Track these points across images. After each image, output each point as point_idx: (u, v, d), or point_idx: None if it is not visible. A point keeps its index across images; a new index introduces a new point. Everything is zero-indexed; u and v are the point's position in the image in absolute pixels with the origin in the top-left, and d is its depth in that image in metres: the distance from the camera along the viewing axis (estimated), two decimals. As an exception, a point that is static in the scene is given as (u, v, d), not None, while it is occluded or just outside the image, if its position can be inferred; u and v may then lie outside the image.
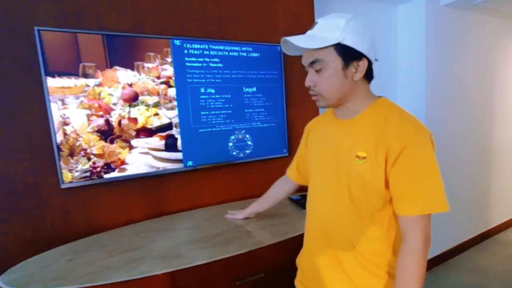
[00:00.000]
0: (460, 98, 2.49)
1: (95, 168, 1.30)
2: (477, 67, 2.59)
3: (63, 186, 1.25)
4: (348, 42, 0.72)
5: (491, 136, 2.80)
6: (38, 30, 1.18)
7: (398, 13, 2.38)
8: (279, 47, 1.71)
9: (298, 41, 0.74)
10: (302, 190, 1.23)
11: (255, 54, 1.64)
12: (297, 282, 0.98)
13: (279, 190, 1.24)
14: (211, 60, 1.53)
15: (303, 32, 0.79)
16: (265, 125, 1.71)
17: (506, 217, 3.07)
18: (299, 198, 1.61)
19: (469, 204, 2.68)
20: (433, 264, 2.43)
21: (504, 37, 2.78)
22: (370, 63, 0.77)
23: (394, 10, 2.37)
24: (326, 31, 0.73)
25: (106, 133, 1.31)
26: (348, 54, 0.73)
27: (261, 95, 1.67)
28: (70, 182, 1.26)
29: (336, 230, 0.81)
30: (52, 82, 1.21)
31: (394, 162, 0.70)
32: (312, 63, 0.75)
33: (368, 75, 0.79)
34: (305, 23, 1.81)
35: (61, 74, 1.22)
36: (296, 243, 1.16)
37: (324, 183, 0.84)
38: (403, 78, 2.42)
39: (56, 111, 1.22)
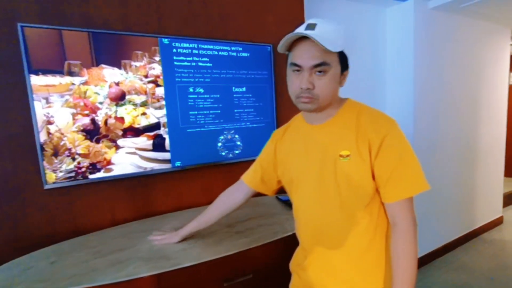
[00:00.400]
0: (447, 99, 2.54)
1: (80, 168, 1.27)
2: (464, 69, 2.64)
3: (46, 187, 1.22)
4: (346, 51, 0.78)
5: (477, 137, 2.86)
6: (22, 27, 1.15)
7: (387, 15, 2.41)
8: (269, 47, 1.71)
9: (321, 39, 0.70)
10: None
11: (245, 54, 1.64)
12: (292, 287, 0.98)
13: (230, 201, 1.11)
14: (200, 59, 1.52)
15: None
16: (255, 125, 1.71)
17: (491, 217, 3.14)
18: (288, 198, 1.61)
19: (456, 205, 2.74)
20: (420, 263, 2.47)
21: (490, 40, 2.84)
22: None
23: (383, 12, 2.40)
24: (330, 34, 0.73)
25: (92, 133, 1.29)
26: (344, 62, 0.79)
27: (250, 95, 1.67)
28: (54, 182, 1.23)
29: (329, 231, 0.82)
30: (36, 80, 1.18)
31: (377, 153, 0.75)
32: (318, 65, 0.74)
33: None
34: (295, 23, 1.80)
35: (45, 72, 1.20)
36: (285, 244, 1.16)
37: (310, 187, 0.85)
38: (391, 79, 2.45)
39: (40, 110, 1.19)
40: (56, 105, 1.22)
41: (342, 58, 0.78)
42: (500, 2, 2.27)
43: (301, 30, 0.75)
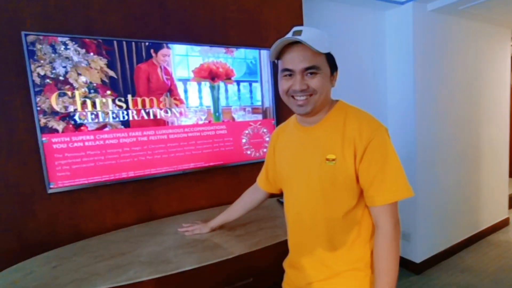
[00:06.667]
0: (449, 101, 2.53)
1: (82, 173, 1.28)
2: (465, 71, 2.64)
3: (50, 191, 1.23)
4: (332, 53, 0.81)
5: (480, 139, 2.84)
6: (25, 35, 1.17)
7: (386, 19, 2.42)
8: (269, 51, 1.72)
9: (310, 41, 0.73)
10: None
11: (245, 58, 1.65)
12: (284, 284, 1.00)
13: (250, 199, 1.22)
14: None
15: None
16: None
17: (497, 218, 3.10)
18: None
19: (461, 207, 2.71)
20: (426, 266, 2.44)
21: (490, 41, 2.84)
22: None
23: (382, 15, 2.41)
24: (316, 38, 0.75)
25: (94, 138, 1.30)
26: (332, 64, 0.82)
27: (251, 98, 1.68)
28: (58, 186, 1.24)
29: (315, 232, 0.85)
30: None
31: (361, 157, 0.77)
32: (308, 68, 0.77)
33: None
34: (294, 28, 1.82)
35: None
36: (286, 247, 1.16)
37: (298, 189, 0.88)
38: (392, 82, 2.45)
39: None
40: (58, 111, 1.23)
41: (330, 60, 0.81)
42: (499, 4, 2.27)
43: (288, 36, 0.77)
